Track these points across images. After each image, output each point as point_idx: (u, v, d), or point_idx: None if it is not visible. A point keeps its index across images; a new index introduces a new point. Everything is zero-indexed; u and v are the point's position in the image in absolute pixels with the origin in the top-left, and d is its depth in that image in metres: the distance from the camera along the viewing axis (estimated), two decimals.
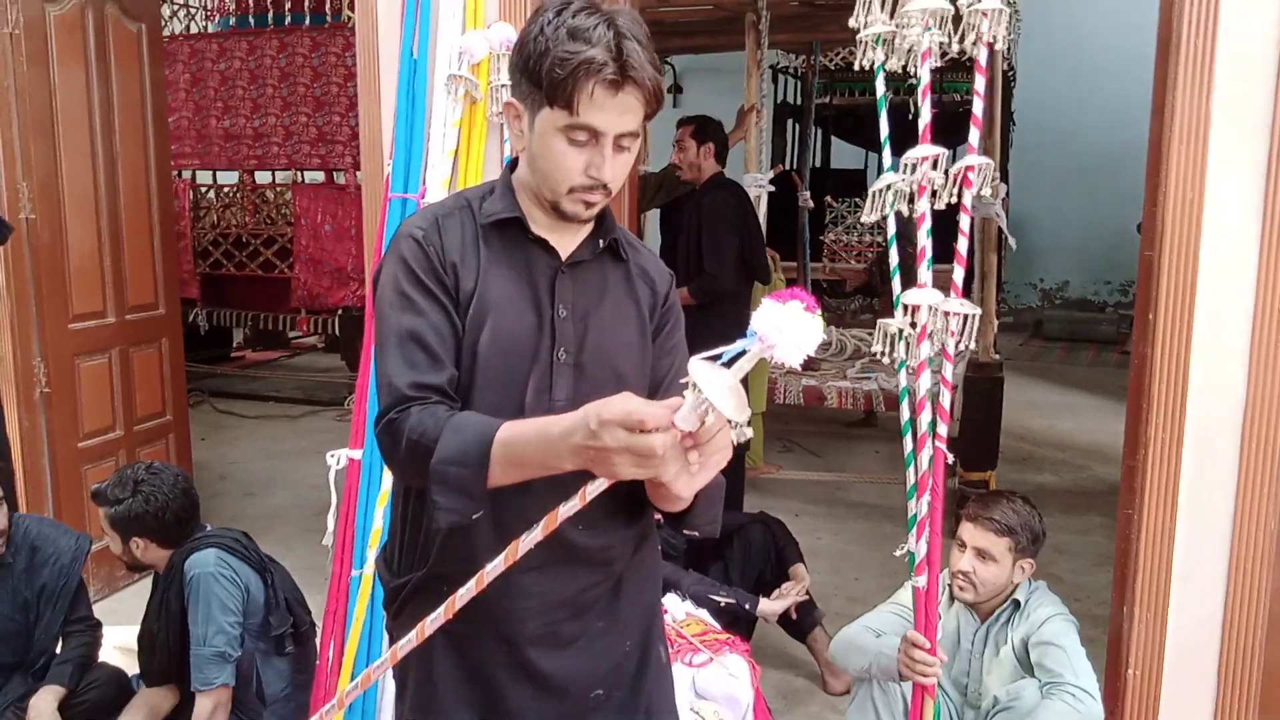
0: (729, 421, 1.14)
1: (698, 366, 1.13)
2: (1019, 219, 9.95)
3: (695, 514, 1.40)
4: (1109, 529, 3.72)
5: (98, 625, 2.78)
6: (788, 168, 8.00)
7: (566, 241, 1.45)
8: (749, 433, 1.21)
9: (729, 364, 1.14)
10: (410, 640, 1.33)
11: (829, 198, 8.47)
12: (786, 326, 1.10)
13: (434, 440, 1.27)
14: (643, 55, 1.30)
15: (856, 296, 9.02)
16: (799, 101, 8.51)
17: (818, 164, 8.86)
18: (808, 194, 6.68)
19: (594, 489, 1.19)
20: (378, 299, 1.45)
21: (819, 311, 1.13)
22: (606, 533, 1.42)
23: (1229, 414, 2.08)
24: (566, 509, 1.21)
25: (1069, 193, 10.19)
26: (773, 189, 5.65)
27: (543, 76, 1.31)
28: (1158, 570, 2.17)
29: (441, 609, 1.30)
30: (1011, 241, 4.25)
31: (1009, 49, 7.16)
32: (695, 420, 1.13)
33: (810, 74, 7.42)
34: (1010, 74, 8.22)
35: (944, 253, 1.87)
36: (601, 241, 1.47)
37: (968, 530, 2.34)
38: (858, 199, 8.31)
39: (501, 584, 1.29)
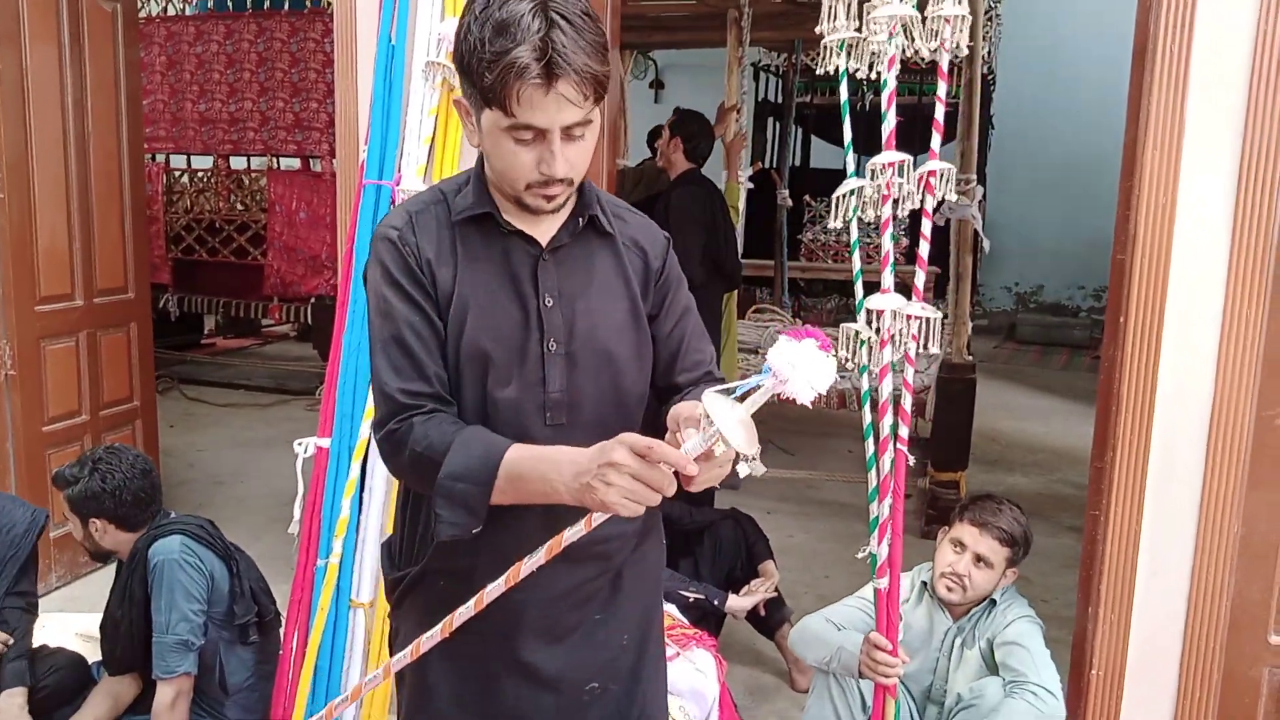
0: (739, 454, 1.16)
1: (711, 399, 1.14)
2: (995, 222, 10.02)
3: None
4: (1078, 532, 3.75)
5: (35, 608, 2.72)
6: (767, 166, 8.02)
7: (544, 228, 1.41)
8: (761, 468, 1.21)
9: (742, 397, 1.16)
10: (405, 656, 1.34)
11: (808, 197, 8.50)
12: (800, 364, 1.13)
13: (440, 454, 1.29)
14: (578, 42, 1.23)
15: (833, 296, 9.05)
16: (780, 100, 8.53)
17: (797, 163, 8.90)
18: (786, 193, 6.70)
19: (600, 516, 1.21)
20: (367, 303, 1.46)
21: (832, 351, 1.16)
22: (606, 526, 1.42)
23: (1196, 417, 2.10)
24: (571, 533, 1.23)
25: (1045, 197, 10.27)
26: (752, 186, 5.66)
27: (475, 78, 1.27)
28: (1122, 571, 2.19)
29: (438, 628, 1.30)
30: (986, 244, 4.27)
31: (989, 53, 7.20)
32: (705, 451, 1.15)
33: (791, 72, 7.44)
34: (990, 78, 8.27)
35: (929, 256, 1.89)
36: (581, 220, 1.42)
37: (970, 534, 2.35)
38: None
39: (500, 571, 1.29)
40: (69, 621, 3.18)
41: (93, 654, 2.78)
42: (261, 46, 6.20)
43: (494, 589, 1.27)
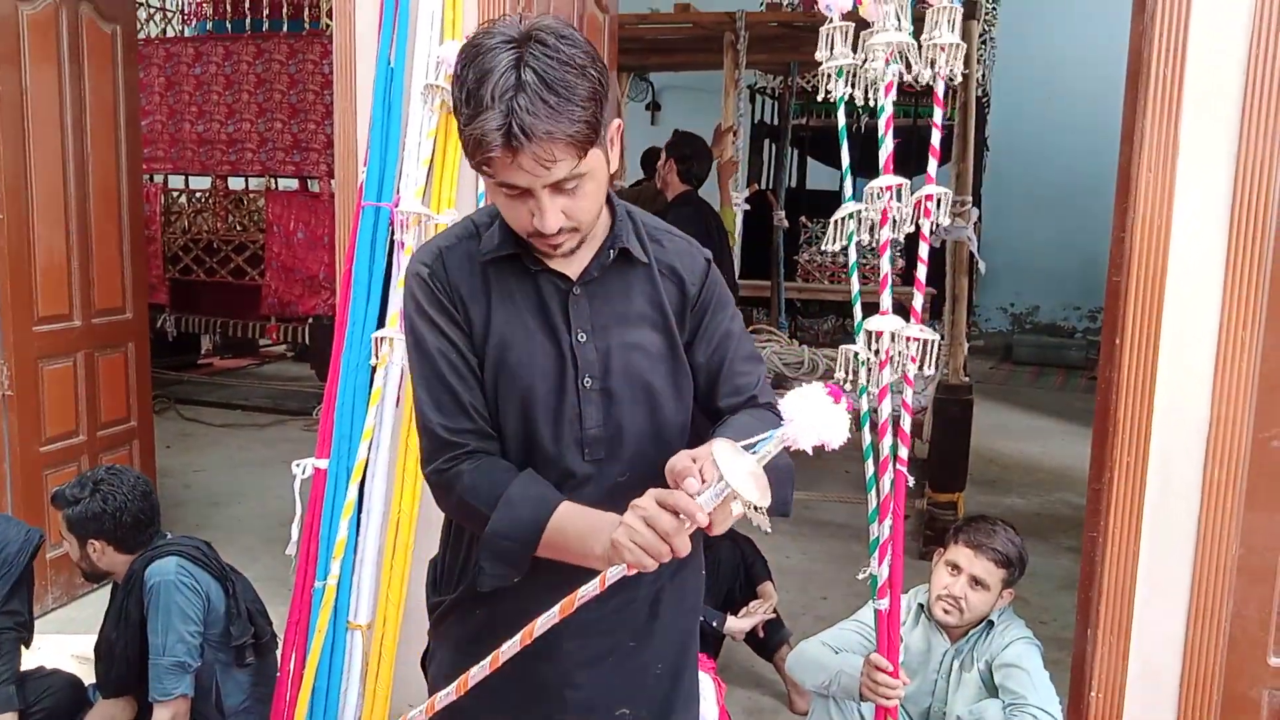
0: (751, 505, 1.16)
1: (721, 450, 1.15)
2: (991, 243, 10.04)
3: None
4: (1075, 553, 3.74)
5: (28, 627, 2.68)
6: (764, 187, 8.05)
7: (574, 262, 1.38)
8: (766, 525, 1.22)
9: (752, 449, 1.17)
10: (450, 692, 1.34)
11: (804, 218, 8.53)
12: (811, 414, 1.13)
13: (488, 507, 1.33)
14: (545, 106, 1.17)
15: (829, 316, 9.06)
16: (776, 122, 8.57)
17: (793, 184, 8.92)
18: (783, 213, 6.72)
19: (614, 574, 1.22)
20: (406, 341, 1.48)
21: (843, 401, 1.15)
22: None
23: (1193, 438, 2.10)
24: (586, 591, 1.24)
25: (1041, 218, 10.31)
26: (748, 208, 5.68)
27: (460, 133, 1.27)
28: (1121, 592, 2.18)
29: (486, 661, 1.31)
30: (981, 265, 4.29)
31: (983, 75, 7.25)
32: (718, 504, 1.16)
33: (787, 95, 7.48)
34: (985, 99, 8.32)
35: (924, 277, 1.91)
36: (612, 252, 1.39)
37: (964, 556, 2.35)
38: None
39: (534, 602, 1.32)
40: (64, 643, 3.17)
41: (88, 676, 2.76)
42: (260, 68, 6.22)
43: (509, 647, 1.28)
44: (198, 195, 6.81)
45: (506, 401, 1.40)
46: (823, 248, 2.06)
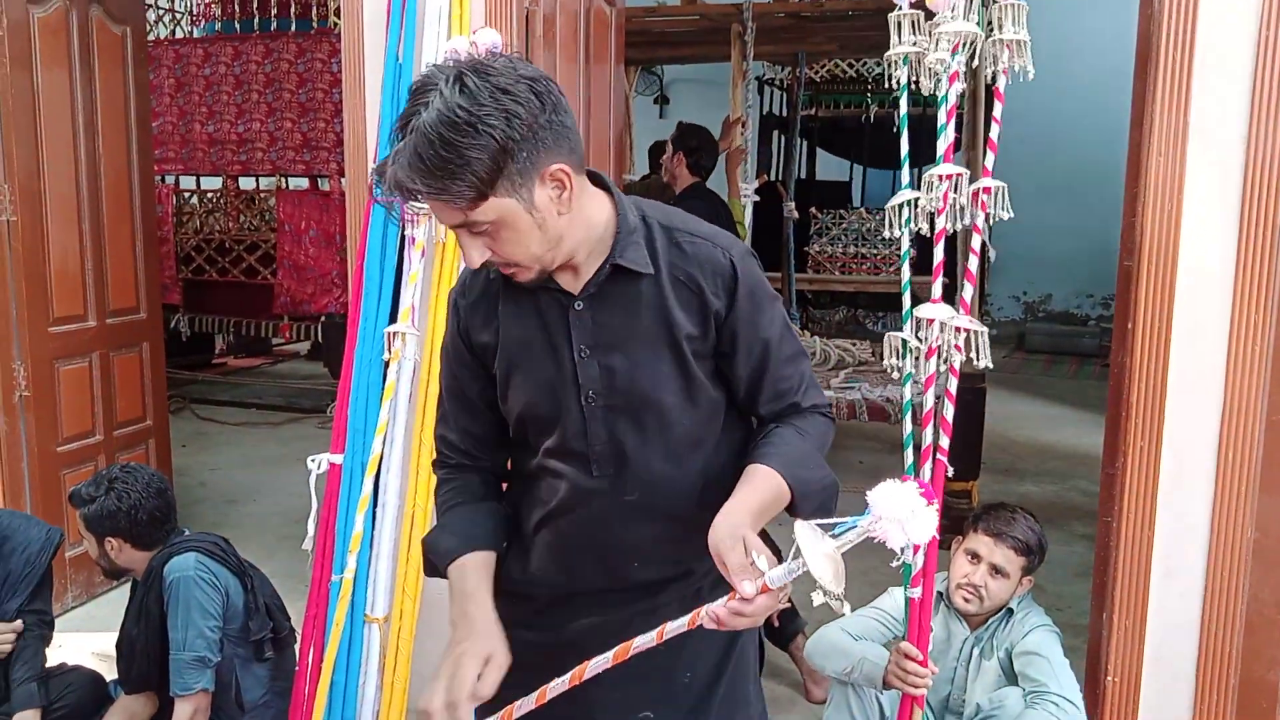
0: (824, 591, 1.14)
1: (803, 531, 1.14)
2: (1002, 232, 9.98)
3: (801, 512, 1.38)
4: (1090, 540, 3.73)
5: (50, 625, 2.73)
6: (773, 179, 8.04)
7: (577, 279, 1.38)
8: (846, 608, 1.19)
9: (834, 533, 1.15)
10: (529, 701, 1.36)
11: (814, 209, 8.51)
12: (900, 509, 1.11)
13: (438, 515, 1.53)
14: (411, 163, 1.19)
15: (840, 307, 9.05)
16: (784, 113, 8.55)
17: (803, 175, 8.91)
18: (792, 205, 6.71)
19: (674, 627, 1.24)
20: None
21: (935, 503, 1.14)
22: (656, 566, 1.49)
23: (1207, 421, 2.10)
24: (641, 641, 1.26)
25: (1052, 206, 10.26)
26: (758, 199, 5.67)
27: None
28: (1136, 577, 2.19)
29: (533, 696, 1.34)
30: (992, 253, 4.27)
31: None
32: (789, 581, 1.15)
33: (795, 86, 7.46)
34: (991, 86, 8.27)
35: (923, 265, 1.90)
36: (609, 266, 1.36)
37: (985, 544, 2.35)
38: (842, 210, 8.35)
39: (566, 610, 1.46)
40: (85, 641, 3.20)
41: (109, 673, 2.79)
42: (269, 67, 6.24)
43: (557, 685, 1.31)
44: (209, 195, 6.83)
45: (519, 422, 1.46)
46: (885, 234, 2.04)
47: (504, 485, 1.59)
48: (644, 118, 9.39)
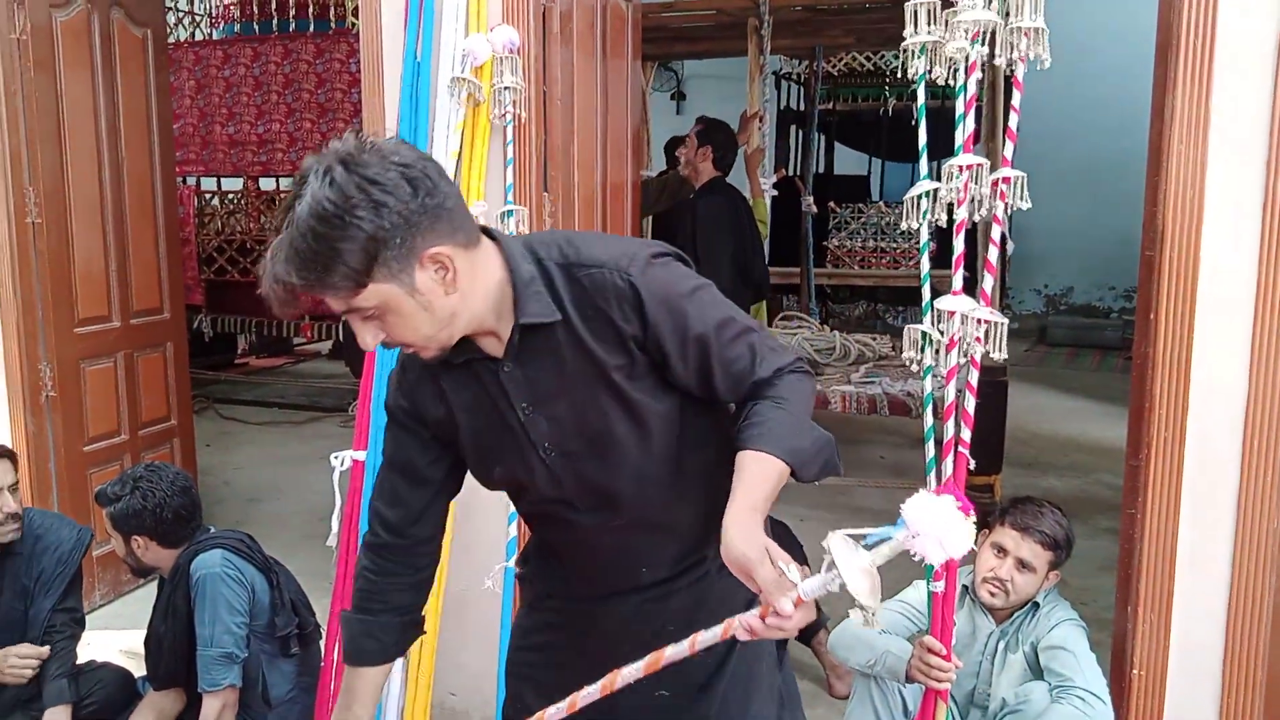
0: (860, 605, 1.12)
1: (838, 543, 1.12)
2: (1022, 224, 9.93)
3: (804, 477, 1.36)
4: (1115, 534, 3.71)
5: (81, 623, 2.77)
6: (791, 173, 8.02)
7: (500, 341, 1.38)
8: (880, 623, 1.18)
9: (868, 545, 1.14)
10: (561, 709, 1.38)
11: (832, 203, 8.48)
12: (936, 522, 1.09)
13: (352, 607, 1.60)
14: (284, 253, 1.20)
15: (859, 301, 9.01)
16: (802, 107, 8.53)
17: (821, 169, 8.88)
18: (811, 199, 6.69)
19: (706, 638, 1.24)
20: None
21: (972, 515, 1.12)
22: (666, 566, 1.54)
23: (1231, 412, 2.08)
24: (673, 653, 1.26)
25: (1072, 197, 10.19)
26: (776, 194, 5.66)
27: None
28: (1161, 570, 2.17)
29: (564, 704, 1.36)
30: (1010, 245, 4.25)
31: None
32: (823, 593, 1.14)
33: (813, 79, 7.44)
34: (1010, 76, 8.21)
35: (943, 259, 1.89)
36: (518, 336, 1.36)
37: (1011, 538, 2.33)
38: (861, 205, 8.32)
39: (591, 608, 1.56)
40: (114, 638, 3.23)
41: (137, 670, 2.82)
42: (288, 68, 6.28)
43: (589, 694, 1.32)
44: (230, 197, 6.89)
45: (494, 479, 1.50)
46: (903, 226, 2.02)
47: (430, 562, 1.63)
48: (661, 114, 9.39)
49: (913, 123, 2.13)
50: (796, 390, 1.38)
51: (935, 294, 2.02)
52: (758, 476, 1.29)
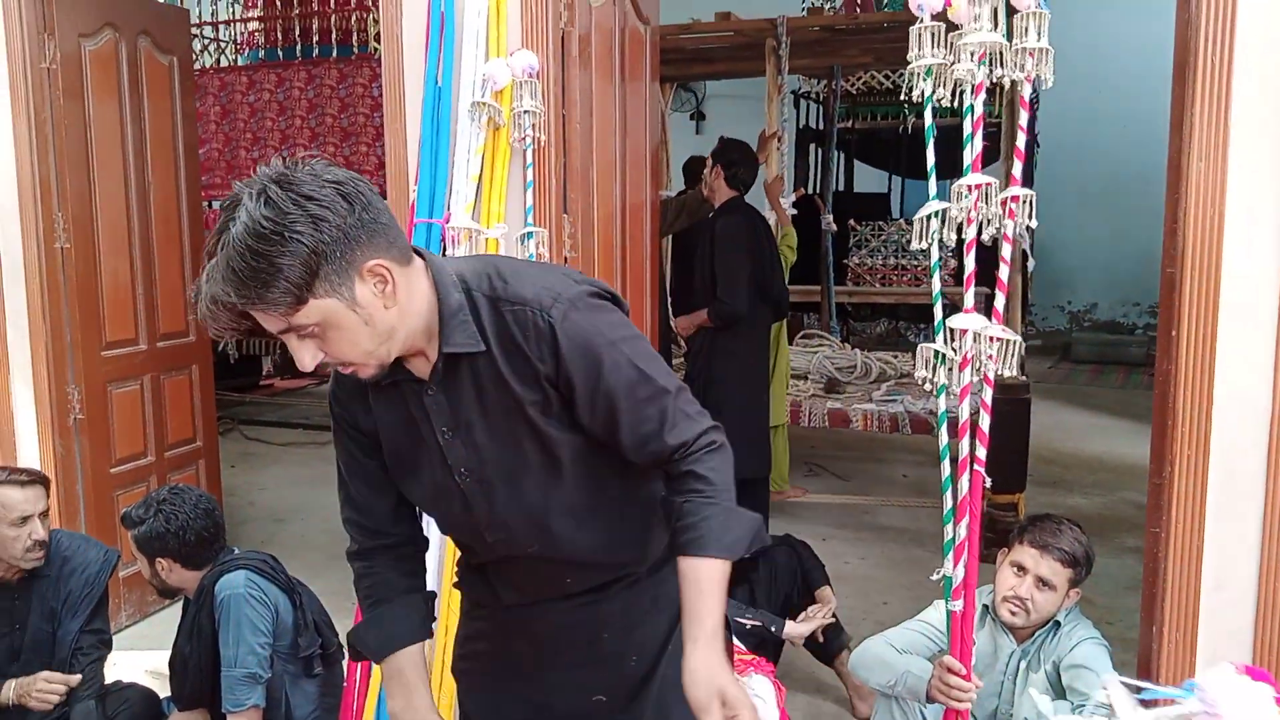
0: None
1: (1119, 695, 1.07)
2: (1045, 240, 9.89)
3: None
4: (1140, 552, 3.68)
5: (109, 643, 2.79)
6: (810, 191, 8.03)
7: (428, 363, 1.40)
8: None
9: (1143, 699, 1.08)
10: None
11: (852, 221, 8.49)
12: (1243, 707, 1.00)
13: (363, 614, 1.60)
14: (230, 271, 1.21)
15: (880, 319, 8.99)
16: (821, 126, 8.55)
17: (841, 187, 8.89)
18: (830, 217, 6.70)
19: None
20: None
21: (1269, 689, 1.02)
22: (591, 576, 1.56)
23: (1255, 429, 2.07)
24: None
25: (1096, 213, 10.14)
26: (795, 213, 5.67)
27: None
28: (1186, 589, 2.15)
29: None
30: (1031, 262, 4.24)
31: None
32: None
33: (831, 98, 7.46)
34: (1034, 95, 8.21)
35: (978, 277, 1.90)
36: (442, 364, 1.38)
37: (1030, 557, 2.32)
38: (881, 222, 8.32)
39: (523, 615, 1.55)
40: (139, 659, 3.25)
41: (162, 690, 2.83)
42: (311, 93, 6.36)
43: None
44: None
45: (413, 497, 1.55)
46: (912, 246, 2.03)
47: (419, 551, 1.65)
48: (680, 134, 9.43)
49: (932, 140, 2.13)
50: (719, 472, 1.40)
51: (952, 311, 2.01)
52: (707, 594, 1.35)
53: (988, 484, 1.98)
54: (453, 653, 1.77)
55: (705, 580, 1.35)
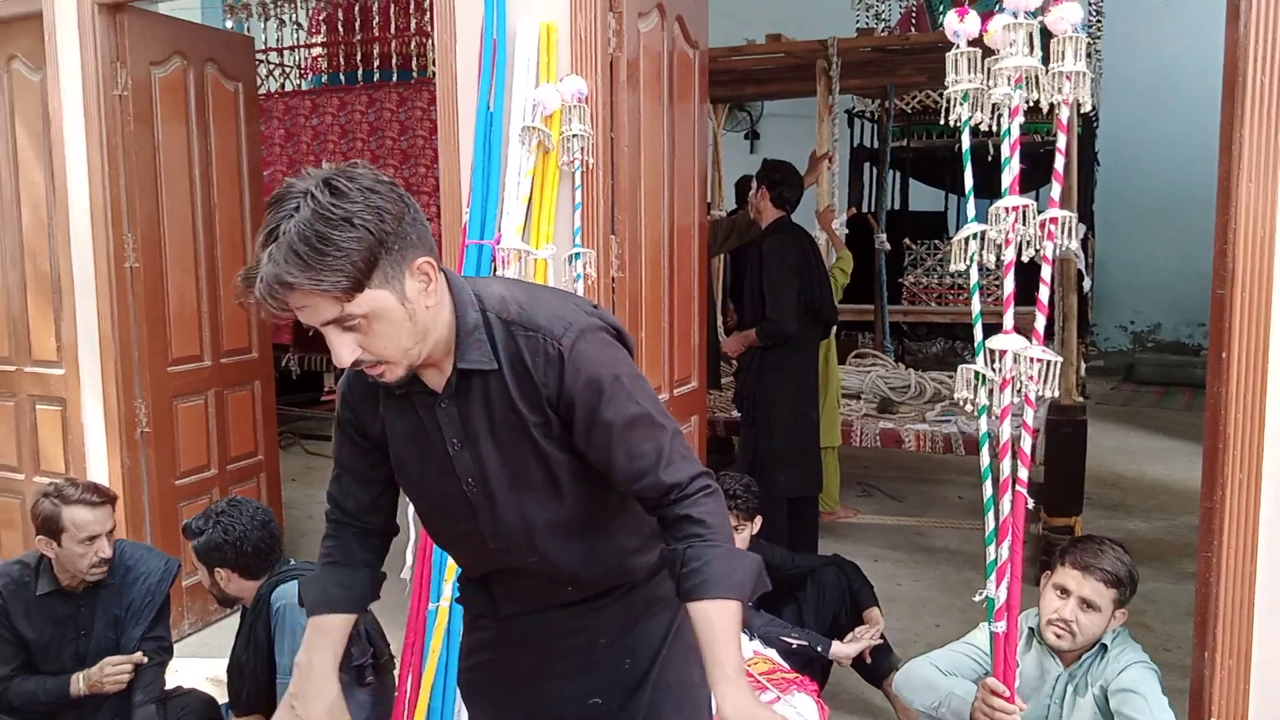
0: None
1: None
2: (1106, 261, 9.74)
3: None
4: None
5: (169, 650, 2.87)
6: (865, 210, 8.01)
7: (441, 375, 1.45)
8: None
9: None
10: None
11: (908, 240, 8.43)
12: None
13: (317, 567, 1.69)
14: (295, 256, 1.22)
15: (937, 339, 8.91)
16: (875, 145, 8.53)
17: (896, 206, 8.84)
18: (884, 236, 6.67)
19: None
20: None
21: None
22: (589, 586, 1.60)
23: None
24: None
25: (1158, 232, 9.96)
26: (848, 232, 5.67)
27: None
28: (1239, 614, 2.12)
29: None
30: (1087, 282, 4.18)
31: (1091, 90, 7.06)
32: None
33: (885, 117, 7.43)
34: (1093, 113, 8.12)
35: (1025, 295, 1.89)
36: (455, 378, 1.43)
37: (1073, 578, 2.30)
38: (937, 241, 8.25)
39: (522, 623, 1.61)
40: (200, 666, 3.34)
41: (222, 697, 2.91)
42: (372, 116, 6.49)
43: None
44: None
45: (417, 502, 1.60)
46: (940, 260, 2.03)
47: (385, 539, 1.72)
48: (734, 153, 9.47)
49: (989, 158, 2.14)
50: (716, 516, 1.43)
51: (992, 332, 2.01)
52: (722, 635, 1.36)
53: (1030, 505, 1.97)
54: (458, 665, 1.81)
55: (718, 621, 1.37)
